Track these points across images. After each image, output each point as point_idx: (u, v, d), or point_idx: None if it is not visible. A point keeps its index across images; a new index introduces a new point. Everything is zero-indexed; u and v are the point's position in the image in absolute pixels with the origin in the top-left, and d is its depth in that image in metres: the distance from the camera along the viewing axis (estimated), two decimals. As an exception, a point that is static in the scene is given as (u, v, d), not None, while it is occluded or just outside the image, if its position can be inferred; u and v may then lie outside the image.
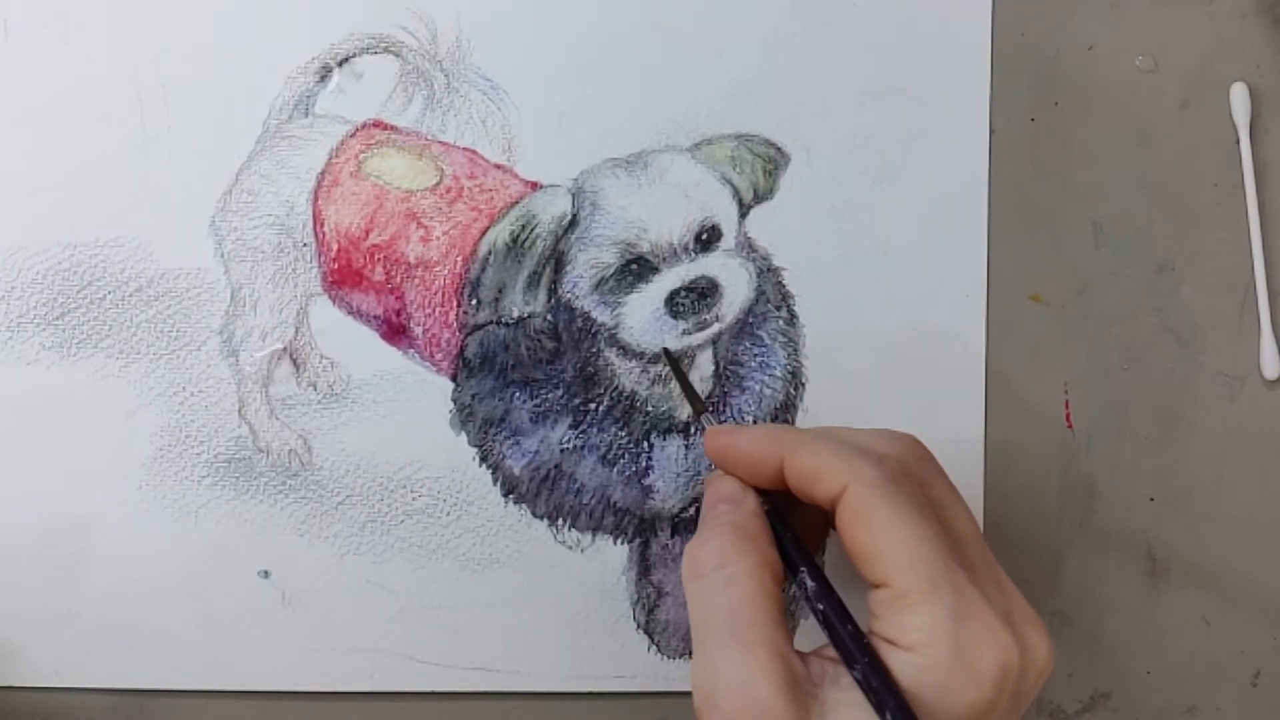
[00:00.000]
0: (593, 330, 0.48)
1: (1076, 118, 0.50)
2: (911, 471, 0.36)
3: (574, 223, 0.48)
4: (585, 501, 0.49)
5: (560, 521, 0.49)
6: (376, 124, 0.49)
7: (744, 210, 0.49)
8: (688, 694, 0.49)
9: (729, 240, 0.49)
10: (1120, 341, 0.50)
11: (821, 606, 0.35)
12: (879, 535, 0.33)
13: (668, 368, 0.47)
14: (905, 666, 0.32)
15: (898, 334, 0.49)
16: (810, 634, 0.39)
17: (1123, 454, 0.50)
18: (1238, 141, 0.50)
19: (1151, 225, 0.50)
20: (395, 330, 0.49)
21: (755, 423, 0.49)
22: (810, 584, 0.36)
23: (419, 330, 0.49)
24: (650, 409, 0.49)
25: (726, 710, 0.32)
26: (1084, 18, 0.50)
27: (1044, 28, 0.50)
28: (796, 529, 0.38)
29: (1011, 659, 0.33)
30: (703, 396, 0.49)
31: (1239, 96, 0.50)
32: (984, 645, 0.32)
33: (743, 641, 0.33)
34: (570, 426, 0.49)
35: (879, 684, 0.32)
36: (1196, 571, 0.50)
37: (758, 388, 0.49)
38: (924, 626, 0.32)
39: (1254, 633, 0.50)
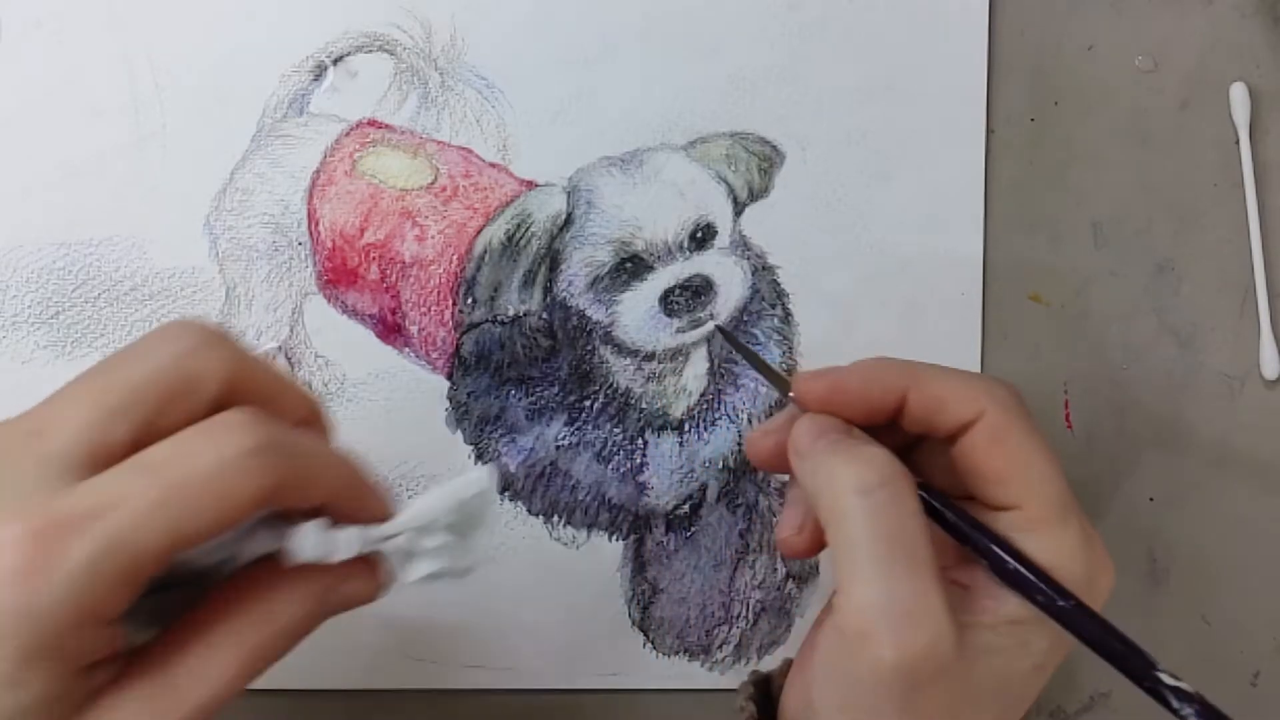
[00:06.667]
0: (588, 328, 0.48)
1: (1076, 118, 0.50)
2: None
3: (569, 221, 0.48)
4: (580, 498, 0.49)
5: (555, 518, 0.49)
6: (371, 123, 0.49)
7: (739, 208, 0.49)
8: (683, 691, 0.49)
9: (724, 238, 0.49)
10: (1120, 341, 0.50)
11: (971, 531, 0.34)
12: (1017, 458, 0.33)
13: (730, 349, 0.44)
14: None
15: (894, 332, 0.49)
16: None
17: (1123, 454, 0.50)
18: (1237, 141, 0.50)
19: (1151, 225, 0.50)
20: (390, 329, 0.49)
21: (751, 421, 0.49)
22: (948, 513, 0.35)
23: (414, 329, 0.49)
24: (644, 406, 0.49)
25: (902, 634, 0.31)
26: (1084, 18, 0.50)
27: (1044, 28, 0.50)
28: None
29: (1111, 583, 0.34)
30: (699, 394, 0.49)
31: (1239, 96, 0.50)
32: (1101, 570, 0.34)
33: (916, 563, 0.31)
34: (565, 424, 0.49)
35: (1060, 597, 0.33)
36: (1196, 571, 0.50)
37: (753, 385, 0.49)
38: (1060, 550, 0.33)
39: (1254, 633, 0.50)
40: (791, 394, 0.37)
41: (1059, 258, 0.50)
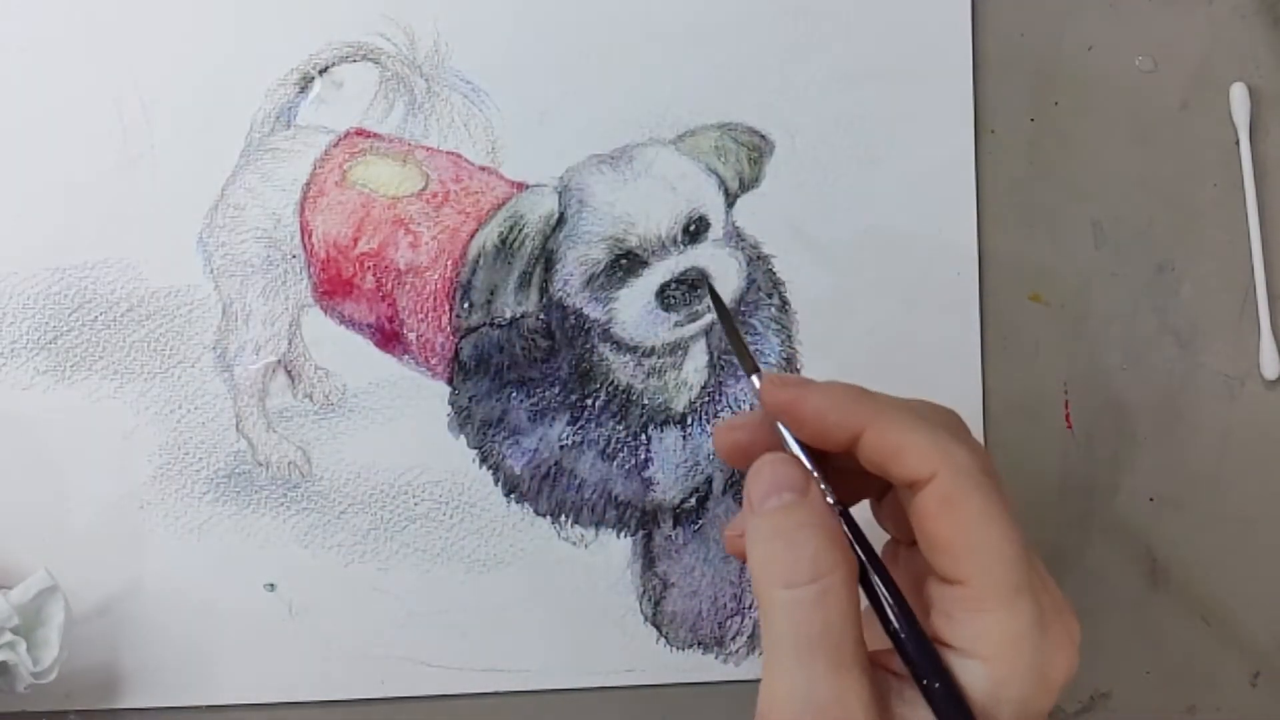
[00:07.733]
0: (586, 327, 0.48)
1: (1076, 118, 0.50)
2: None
3: (561, 221, 0.48)
4: (587, 497, 0.49)
5: (563, 518, 0.49)
6: (359, 132, 0.49)
7: (731, 199, 0.49)
8: (698, 685, 0.50)
9: (717, 230, 0.49)
10: (1120, 341, 0.50)
11: (894, 621, 0.32)
12: (968, 530, 0.31)
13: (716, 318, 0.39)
14: (979, 679, 0.30)
15: (891, 316, 0.49)
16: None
17: (1123, 454, 0.50)
18: (1237, 141, 0.50)
19: (1151, 225, 0.50)
20: (389, 337, 0.49)
21: (752, 410, 0.49)
22: (886, 597, 0.32)
23: (412, 336, 0.49)
24: (646, 401, 0.49)
25: None
26: (1084, 18, 0.50)
27: (1044, 28, 0.50)
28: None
29: (1075, 664, 0.32)
30: (700, 387, 0.49)
31: (1239, 96, 0.49)
32: (1058, 654, 0.31)
33: (837, 662, 0.30)
34: (568, 423, 0.49)
35: (952, 708, 0.30)
36: (1196, 571, 0.50)
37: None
38: (1005, 637, 0.30)
39: (1253, 633, 0.50)
40: (755, 378, 0.34)
41: (1059, 258, 0.50)
